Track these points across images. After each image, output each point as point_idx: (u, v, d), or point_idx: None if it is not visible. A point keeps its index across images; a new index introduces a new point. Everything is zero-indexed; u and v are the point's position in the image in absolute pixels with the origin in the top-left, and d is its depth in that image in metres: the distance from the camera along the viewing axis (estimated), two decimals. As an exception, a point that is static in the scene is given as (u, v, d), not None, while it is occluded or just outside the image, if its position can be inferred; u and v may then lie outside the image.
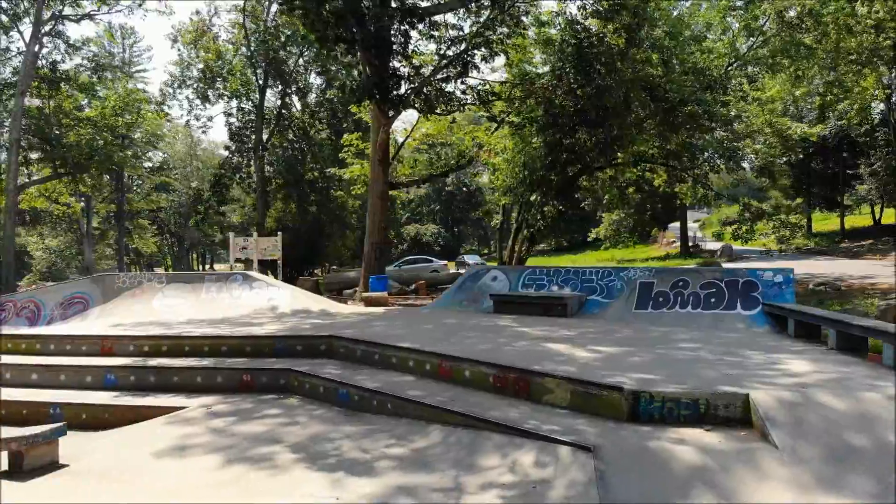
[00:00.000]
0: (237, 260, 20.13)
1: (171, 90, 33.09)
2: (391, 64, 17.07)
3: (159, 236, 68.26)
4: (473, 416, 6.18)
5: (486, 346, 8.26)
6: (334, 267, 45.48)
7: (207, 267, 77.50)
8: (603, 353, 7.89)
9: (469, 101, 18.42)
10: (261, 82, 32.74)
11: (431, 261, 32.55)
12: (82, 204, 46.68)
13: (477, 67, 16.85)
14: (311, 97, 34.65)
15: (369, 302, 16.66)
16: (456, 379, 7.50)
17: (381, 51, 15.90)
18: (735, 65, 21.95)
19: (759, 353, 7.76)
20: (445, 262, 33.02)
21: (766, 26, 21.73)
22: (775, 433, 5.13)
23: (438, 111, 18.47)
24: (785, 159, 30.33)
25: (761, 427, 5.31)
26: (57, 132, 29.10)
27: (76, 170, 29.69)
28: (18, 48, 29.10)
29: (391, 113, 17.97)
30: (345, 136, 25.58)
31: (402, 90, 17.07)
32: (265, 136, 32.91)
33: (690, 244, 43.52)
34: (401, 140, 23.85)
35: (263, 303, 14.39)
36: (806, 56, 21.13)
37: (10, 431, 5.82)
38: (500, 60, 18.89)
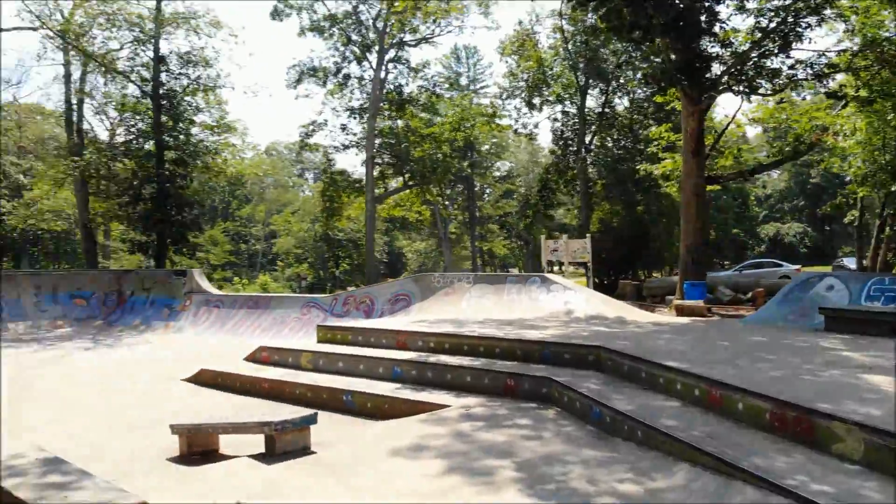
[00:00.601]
0: (549, 262, 20.30)
1: (500, 102, 35.15)
2: (698, 45, 15.37)
3: (508, 239, 72.67)
4: (724, 461, 5.00)
5: (777, 374, 6.71)
6: (677, 271, 43.16)
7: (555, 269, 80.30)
8: (948, 393, 5.78)
9: (799, 77, 15.63)
10: (581, 83, 32.68)
11: (780, 265, 28.61)
12: (439, 210, 52.50)
13: (802, 38, 14.16)
14: (638, 93, 33.45)
15: (681, 311, 15.22)
16: (727, 410, 6.21)
17: (682, 33, 14.40)
18: None
19: None
20: (798, 266, 28.73)
21: None
22: None
23: (761, 92, 16.06)
24: None
25: None
26: (406, 149, 33.07)
27: (421, 181, 33.33)
28: (369, 76, 33.71)
29: (703, 98, 16.19)
30: (652, 129, 23.95)
31: (714, 72, 15.23)
32: (588, 138, 32.79)
33: None
34: (720, 128, 21.34)
35: (560, 306, 14.11)
36: None
37: (268, 417, 6.48)
38: (840, 27, 15.67)
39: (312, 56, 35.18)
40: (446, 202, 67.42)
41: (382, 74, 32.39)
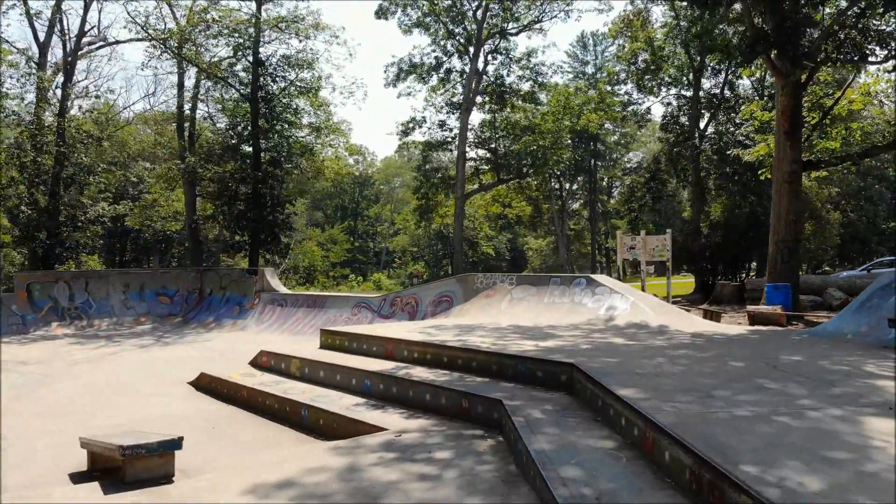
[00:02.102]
0: (624, 261, 18.34)
1: (609, 88, 32.76)
2: (794, 6, 12.98)
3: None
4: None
5: (747, 413, 5.06)
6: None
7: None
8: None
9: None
10: (695, 63, 29.62)
11: (926, 264, 24.46)
12: (553, 204, 50.52)
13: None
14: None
15: (753, 319, 13.00)
16: (655, 461, 4.72)
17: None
18: None
19: None
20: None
21: None
22: None
23: (871, 60, 13.30)
24: None
25: None
26: (504, 143, 31.77)
27: (517, 176, 31.87)
28: (469, 69, 32.63)
29: (797, 70, 13.68)
30: (742, 107, 20.82)
31: (809, 37, 12.79)
32: (702, 124, 29.75)
33: None
34: (827, 104, 17.98)
35: (601, 312, 12.47)
36: None
37: (125, 440, 5.76)
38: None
39: (413, 53, 34.42)
40: (564, 196, 65.18)
41: (480, 66, 31.28)
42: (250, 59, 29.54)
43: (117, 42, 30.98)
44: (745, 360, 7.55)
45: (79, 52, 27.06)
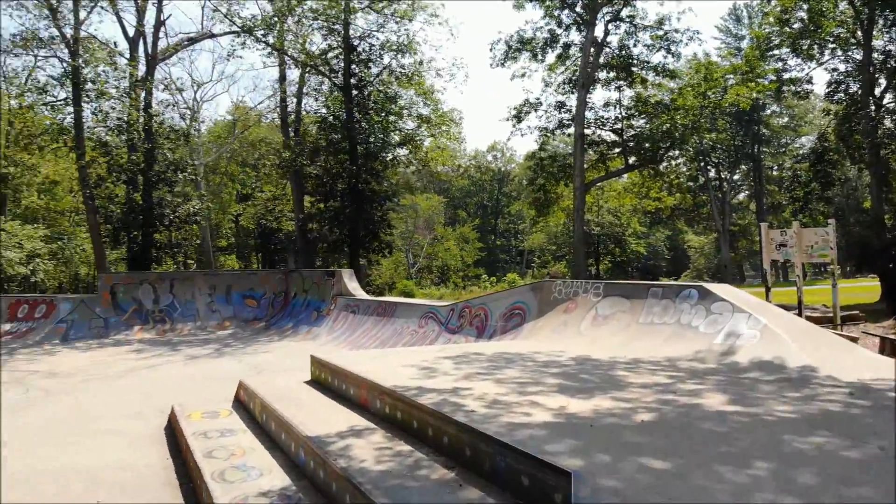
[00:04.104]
0: (773, 262, 13.77)
1: (757, 54, 27.07)
2: None
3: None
4: None
5: None
6: None
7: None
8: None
9: None
10: (862, 16, 23.22)
11: None
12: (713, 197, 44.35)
13: None
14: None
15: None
16: None
17: None
18: None
19: None
20: None
21: None
22: None
23: None
24: None
25: None
26: (634, 122, 27.32)
27: (649, 161, 27.21)
28: (586, 39, 28.39)
29: None
30: None
31: None
32: (878, 91, 23.43)
33: None
34: None
35: (717, 340, 8.45)
36: None
37: None
38: None
39: (525, 28, 30.74)
40: (724, 187, 58.21)
41: (599, 35, 26.94)
42: (341, 44, 27.70)
43: (213, 35, 30.15)
44: (795, 433, 3.61)
45: (159, 45, 26.35)
